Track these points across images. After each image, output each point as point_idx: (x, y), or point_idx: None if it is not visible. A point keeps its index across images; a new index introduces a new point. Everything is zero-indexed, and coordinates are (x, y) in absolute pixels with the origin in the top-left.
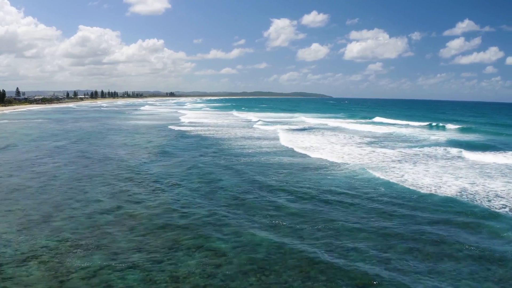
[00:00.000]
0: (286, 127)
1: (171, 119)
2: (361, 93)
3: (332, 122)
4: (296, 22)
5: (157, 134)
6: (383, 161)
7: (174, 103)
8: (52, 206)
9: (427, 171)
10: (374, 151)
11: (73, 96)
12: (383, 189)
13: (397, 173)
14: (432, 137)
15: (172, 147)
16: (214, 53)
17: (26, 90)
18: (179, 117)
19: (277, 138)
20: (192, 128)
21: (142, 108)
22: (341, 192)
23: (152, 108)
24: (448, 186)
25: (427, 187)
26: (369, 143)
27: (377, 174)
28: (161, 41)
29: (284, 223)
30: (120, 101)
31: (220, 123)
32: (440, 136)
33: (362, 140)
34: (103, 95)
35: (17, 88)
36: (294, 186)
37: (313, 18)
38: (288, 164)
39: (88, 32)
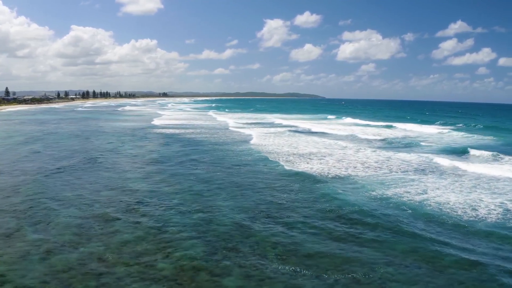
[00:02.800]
0: (265, 130)
1: (144, 120)
2: (354, 94)
3: (308, 124)
4: (289, 22)
5: (118, 137)
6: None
7: (158, 103)
8: None
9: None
10: (353, 155)
11: (64, 96)
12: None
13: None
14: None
15: (129, 153)
16: (207, 54)
17: (19, 90)
18: (154, 118)
19: (248, 141)
20: (161, 130)
21: (120, 109)
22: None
23: (132, 109)
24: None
25: (462, 209)
26: (344, 148)
27: (380, 188)
28: (154, 41)
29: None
30: (105, 102)
31: (192, 124)
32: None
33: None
34: (95, 95)
35: (6, 88)
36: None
37: (306, 18)
38: (262, 175)
39: (80, 32)
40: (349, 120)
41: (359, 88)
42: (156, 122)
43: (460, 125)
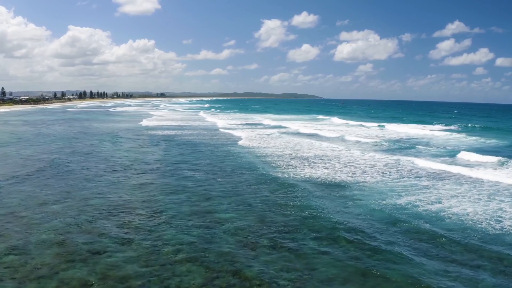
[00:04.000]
0: (255, 131)
1: (134, 121)
2: (352, 94)
3: (308, 126)
4: (286, 23)
5: (103, 138)
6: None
7: (152, 104)
8: None
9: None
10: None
11: (61, 96)
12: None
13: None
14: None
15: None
16: (205, 54)
17: (16, 90)
18: (143, 119)
19: (238, 143)
20: (150, 132)
21: (112, 109)
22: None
23: (124, 109)
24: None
25: (485, 221)
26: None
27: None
28: (152, 42)
29: None
30: (99, 102)
31: (182, 125)
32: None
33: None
34: (92, 95)
35: (2, 88)
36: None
37: (304, 19)
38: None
39: (77, 32)
40: (350, 121)
41: (357, 88)
42: (145, 123)
43: (463, 126)
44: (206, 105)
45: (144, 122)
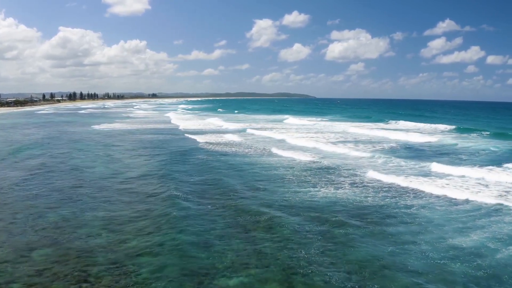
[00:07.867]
0: (219, 135)
1: (92, 123)
2: (344, 93)
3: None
4: (278, 22)
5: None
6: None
7: (131, 105)
8: None
9: None
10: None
11: (50, 98)
12: None
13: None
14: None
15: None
16: (196, 54)
17: (8, 92)
18: (104, 123)
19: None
20: (97, 136)
21: (82, 111)
22: None
23: (96, 111)
24: None
25: None
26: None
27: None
28: (144, 42)
29: None
30: (79, 104)
31: (145, 128)
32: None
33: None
34: (82, 97)
35: None
36: None
37: (294, 18)
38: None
39: (68, 33)
40: (350, 124)
41: (349, 87)
42: (102, 126)
43: (464, 128)
44: (181, 105)
45: (102, 126)
